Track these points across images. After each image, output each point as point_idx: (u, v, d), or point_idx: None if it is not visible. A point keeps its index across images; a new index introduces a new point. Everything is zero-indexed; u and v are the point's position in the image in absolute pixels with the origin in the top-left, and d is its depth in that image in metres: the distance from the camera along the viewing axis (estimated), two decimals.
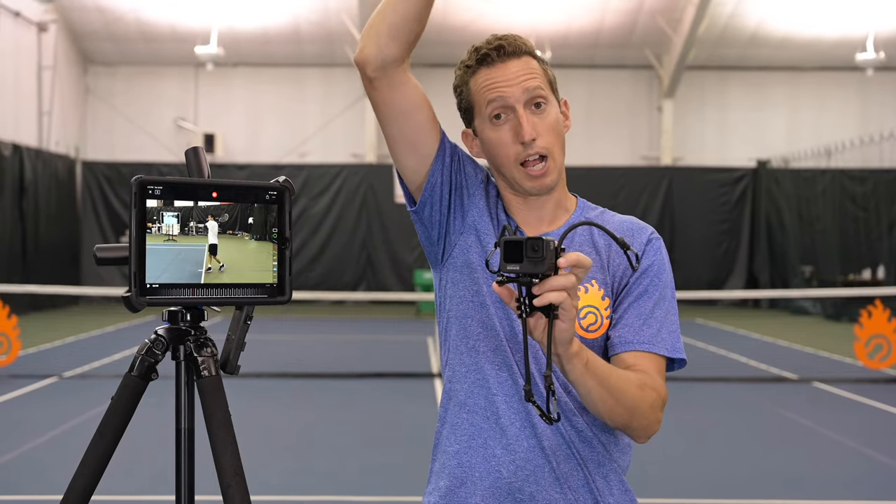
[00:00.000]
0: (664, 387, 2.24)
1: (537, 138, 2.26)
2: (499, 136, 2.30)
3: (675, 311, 2.32)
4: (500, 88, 2.28)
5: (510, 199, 2.39)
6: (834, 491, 7.49)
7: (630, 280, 2.30)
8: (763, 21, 25.15)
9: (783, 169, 26.23)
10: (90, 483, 2.05)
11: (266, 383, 12.01)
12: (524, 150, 2.27)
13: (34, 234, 22.55)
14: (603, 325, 2.28)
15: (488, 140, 2.33)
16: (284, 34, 25.44)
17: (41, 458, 8.13)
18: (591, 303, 2.28)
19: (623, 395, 2.12)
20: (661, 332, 2.27)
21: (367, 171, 25.91)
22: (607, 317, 2.29)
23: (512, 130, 2.28)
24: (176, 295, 1.94)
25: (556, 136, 2.30)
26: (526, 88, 2.28)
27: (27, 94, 23.05)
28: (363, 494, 7.14)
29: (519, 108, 2.27)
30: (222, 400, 2.04)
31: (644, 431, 2.20)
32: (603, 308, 2.29)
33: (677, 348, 2.28)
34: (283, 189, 2.04)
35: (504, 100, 2.28)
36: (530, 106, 2.28)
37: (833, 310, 22.38)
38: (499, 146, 2.31)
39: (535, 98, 2.28)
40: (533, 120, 2.27)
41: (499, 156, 2.32)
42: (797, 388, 12.39)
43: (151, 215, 1.90)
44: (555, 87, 2.36)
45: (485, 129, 2.33)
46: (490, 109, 2.30)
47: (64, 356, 14.49)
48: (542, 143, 2.27)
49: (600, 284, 2.30)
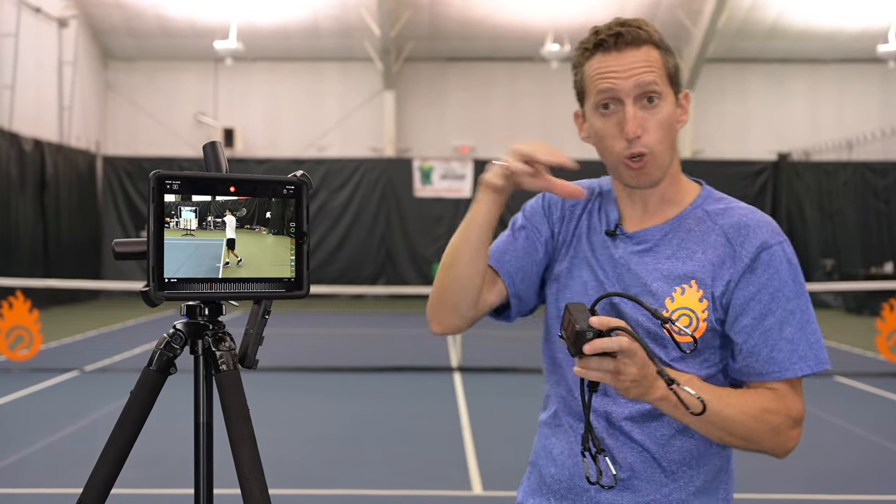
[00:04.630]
0: (797, 403, 2.18)
1: (642, 135, 2.18)
2: (605, 127, 2.23)
3: (811, 319, 2.19)
4: (612, 79, 2.19)
5: (619, 190, 2.35)
6: (856, 485, 7.46)
7: (741, 287, 2.18)
8: (783, 13, 25.03)
9: (804, 162, 26.13)
10: (110, 476, 2.05)
11: (284, 377, 12.03)
12: (628, 146, 2.19)
13: (55, 228, 22.66)
14: (699, 328, 2.19)
15: (594, 128, 2.26)
16: (303, 28, 25.46)
17: (62, 452, 8.16)
18: (688, 304, 2.19)
19: (734, 426, 2.09)
20: (796, 351, 2.16)
21: (386, 164, 25.93)
22: (704, 319, 2.18)
23: (618, 124, 2.20)
24: (194, 289, 1.94)
25: (665, 133, 2.21)
26: (639, 83, 2.18)
27: (48, 89, 23.14)
28: (382, 488, 7.14)
29: (628, 103, 2.18)
30: (240, 394, 2.04)
31: (773, 452, 2.17)
32: (700, 311, 2.19)
33: (820, 360, 2.18)
34: (301, 183, 2.04)
35: (614, 91, 2.19)
36: (641, 101, 2.19)
37: (855, 303, 22.26)
38: (604, 138, 2.24)
39: (647, 93, 2.19)
40: (641, 115, 2.18)
41: (604, 146, 2.25)
42: (818, 383, 12.33)
43: (169, 210, 1.90)
44: (675, 80, 2.27)
45: (593, 116, 2.26)
46: (599, 98, 2.22)
47: (85, 350, 14.55)
48: (647, 140, 2.19)
49: (700, 285, 2.20)
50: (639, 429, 2.22)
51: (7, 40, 20.69)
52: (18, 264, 20.07)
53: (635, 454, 2.23)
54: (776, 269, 2.18)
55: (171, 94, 26.77)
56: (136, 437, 2.09)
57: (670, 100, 2.23)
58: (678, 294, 2.19)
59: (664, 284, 2.21)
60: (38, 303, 13.44)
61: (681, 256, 2.23)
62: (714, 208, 2.28)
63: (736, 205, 2.29)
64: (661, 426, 2.22)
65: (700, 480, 2.25)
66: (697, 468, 2.25)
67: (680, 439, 2.22)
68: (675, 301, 2.19)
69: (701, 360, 2.21)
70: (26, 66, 21.57)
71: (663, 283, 2.21)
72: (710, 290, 2.19)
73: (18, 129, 21.08)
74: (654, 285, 2.21)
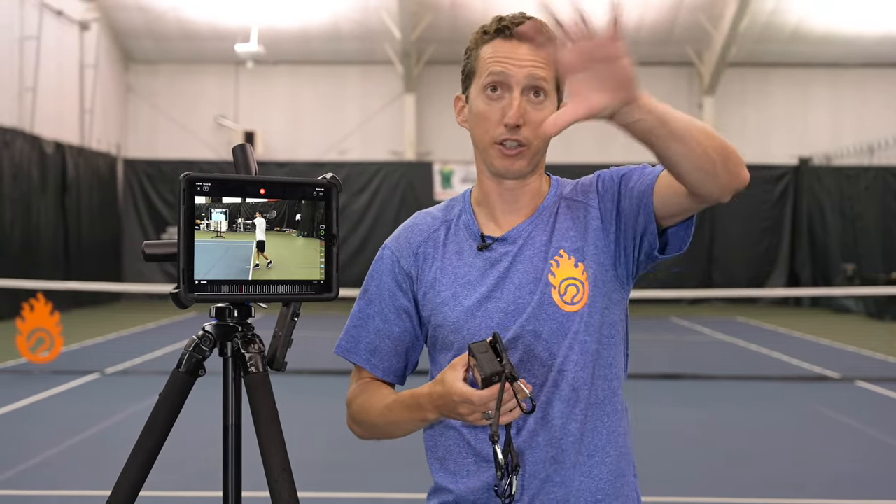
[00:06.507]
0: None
1: (523, 127, 2.20)
2: (487, 110, 2.23)
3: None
4: (506, 64, 2.20)
5: (487, 187, 2.35)
6: (877, 491, 7.42)
7: (613, 198, 2.29)
8: (805, 17, 24.95)
9: (825, 166, 26.03)
10: (139, 478, 2.06)
11: (313, 380, 12.03)
12: (506, 132, 2.21)
13: (76, 231, 22.75)
14: (585, 293, 2.25)
15: (476, 110, 2.26)
16: (324, 32, 25.51)
17: (83, 455, 8.19)
18: (568, 274, 2.25)
19: (706, 128, 2.04)
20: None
21: (407, 168, 25.94)
22: (587, 280, 2.25)
23: (501, 110, 2.21)
24: (224, 291, 1.95)
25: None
26: (531, 75, 2.20)
27: (69, 92, 23.24)
28: (409, 492, 7.14)
29: (516, 91, 2.20)
30: (269, 396, 2.05)
31: (736, 172, 2.10)
32: (580, 274, 2.25)
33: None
34: (331, 185, 2.04)
35: (505, 76, 2.20)
36: (529, 93, 2.21)
37: (876, 308, 22.16)
38: (483, 121, 2.24)
39: (536, 87, 2.21)
40: (526, 108, 2.20)
41: (480, 129, 2.26)
42: (840, 388, 12.29)
43: (200, 212, 1.91)
44: (561, 87, 2.28)
45: (477, 98, 2.26)
46: (489, 80, 2.22)
47: (106, 352, 14.60)
48: (527, 132, 2.21)
49: (570, 252, 2.27)
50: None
51: (29, 43, 20.79)
52: (39, 267, 20.14)
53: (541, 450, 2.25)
54: (604, 173, 2.35)
55: (191, 98, 26.85)
56: (165, 439, 2.09)
57: (553, 102, 2.26)
58: (555, 267, 2.26)
59: (542, 263, 2.27)
60: (59, 305, 13.48)
61: (551, 236, 2.30)
62: (562, 190, 2.37)
63: (574, 180, 2.41)
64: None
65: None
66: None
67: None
68: (556, 276, 2.24)
69: (605, 299, 2.28)
70: (48, 69, 21.67)
71: (542, 263, 2.27)
72: (581, 252, 2.27)
73: (40, 132, 21.18)
74: (538, 271, 2.27)
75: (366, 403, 2.37)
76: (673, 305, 24.15)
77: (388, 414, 2.30)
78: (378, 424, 2.35)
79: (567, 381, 2.24)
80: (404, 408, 2.25)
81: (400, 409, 2.26)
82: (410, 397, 2.23)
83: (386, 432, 2.36)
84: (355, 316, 2.43)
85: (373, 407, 2.34)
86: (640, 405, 10.17)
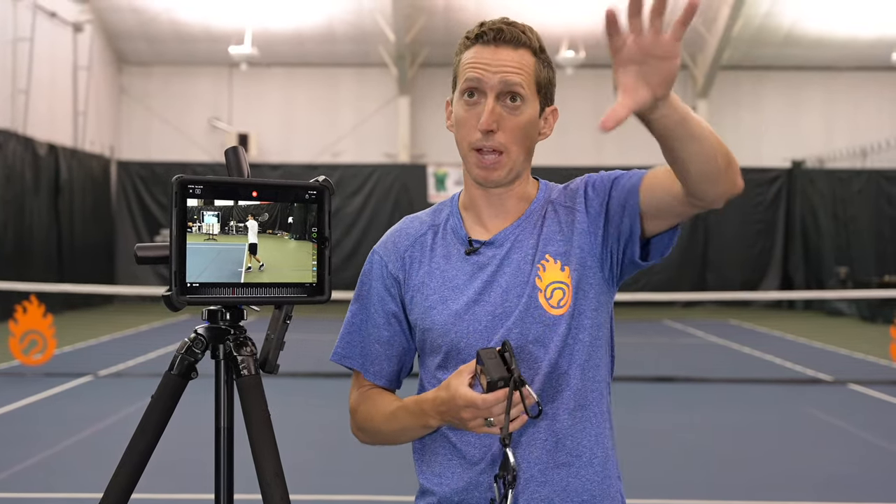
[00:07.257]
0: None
1: (497, 132, 2.22)
2: (466, 116, 2.25)
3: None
4: (481, 70, 2.23)
5: (474, 192, 2.36)
6: (869, 493, 7.43)
7: (602, 201, 2.30)
8: (798, 21, 24.99)
9: (818, 169, 26.08)
10: (130, 480, 2.06)
11: (306, 382, 12.02)
12: (481, 138, 2.23)
13: (69, 233, 22.71)
14: (570, 297, 2.27)
15: (456, 115, 2.30)
16: (318, 34, 25.51)
17: (76, 457, 8.17)
18: (554, 278, 2.27)
19: (715, 134, 2.05)
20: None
21: (400, 171, 25.93)
22: (570, 284, 2.27)
23: (477, 116, 2.23)
24: (216, 294, 1.95)
25: (522, 137, 2.26)
26: (504, 80, 2.21)
27: (63, 93, 23.22)
28: (399, 494, 7.13)
29: (490, 97, 2.22)
30: (262, 399, 2.05)
31: (733, 179, 2.09)
32: (566, 278, 2.27)
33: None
34: (323, 188, 2.05)
35: (479, 82, 2.23)
36: (504, 99, 2.23)
37: (868, 311, 22.19)
38: (461, 126, 2.27)
39: (510, 92, 2.22)
40: (500, 113, 2.22)
41: (461, 135, 2.28)
42: (832, 390, 12.31)
43: (192, 214, 1.91)
44: (545, 91, 2.31)
45: (457, 103, 2.29)
46: (465, 86, 2.25)
47: (99, 355, 14.58)
48: (502, 138, 2.23)
49: (556, 256, 2.29)
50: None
51: (22, 45, 20.76)
52: (32, 269, 20.10)
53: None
54: (584, 178, 2.36)
55: (185, 99, 26.83)
56: (157, 441, 2.09)
57: (534, 107, 2.28)
58: (542, 271, 2.27)
59: (529, 267, 2.28)
60: (51, 307, 13.46)
61: (538, 240, 2.31)
62: (550, 194, 2.38)
63: (562, 185, 2.41)
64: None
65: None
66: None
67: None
68: (542, 279, 2.26)
69: (591, 301, 2.29)
70: (41, 71, 21.64)
71: (529, 267, 2.28)
72: (566, 255, 2.28)
73: (33, 134, 21.14)
74: (525, 274, 2.28)
75: (371, 411, 2.40)
76: (666, 308, 24.17)
77: (393, 421, 2.33)
78: (383, 431, 2.39)
79: (555, 384, 2.25)
80: (408, 414, 2.28)
81: (404, 416, 2.29)
82: (414, 403, 2.26)
83: (391, 439, 2.39)
84: (348, 322, 2.45)
85: (378, 414, 2.38)
86: (634, 408, 10.18)
